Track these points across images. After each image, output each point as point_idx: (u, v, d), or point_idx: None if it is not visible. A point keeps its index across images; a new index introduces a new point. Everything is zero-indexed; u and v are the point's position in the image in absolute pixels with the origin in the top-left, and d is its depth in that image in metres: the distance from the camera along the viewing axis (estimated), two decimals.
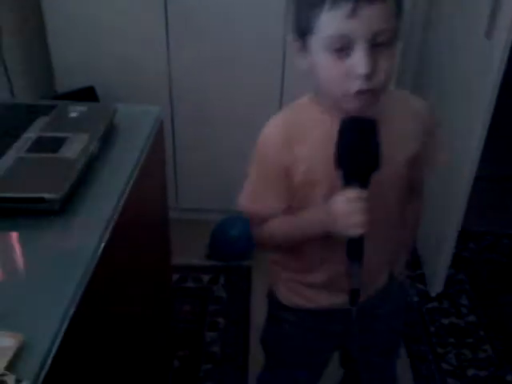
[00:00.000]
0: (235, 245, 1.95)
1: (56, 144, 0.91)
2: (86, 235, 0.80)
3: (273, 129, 0.87)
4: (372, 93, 0.74)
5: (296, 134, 0.84)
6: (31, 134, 0.94)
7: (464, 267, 1.98)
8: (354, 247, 0.78)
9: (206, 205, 2.11)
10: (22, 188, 0.81)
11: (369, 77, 0.72)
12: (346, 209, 0.76)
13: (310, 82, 0.85)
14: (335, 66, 0.73)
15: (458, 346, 1.68)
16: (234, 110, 1.93)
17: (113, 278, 0.87)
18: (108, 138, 1.00)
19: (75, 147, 0.90)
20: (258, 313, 1.73)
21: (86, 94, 1.78)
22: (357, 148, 0.75)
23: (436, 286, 1.84)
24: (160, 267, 1.36)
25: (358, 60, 0.71)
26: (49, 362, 0.60)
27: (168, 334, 1.53)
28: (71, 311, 0.67)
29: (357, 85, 0.73)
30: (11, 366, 0.57)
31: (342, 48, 0.72)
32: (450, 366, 1.61)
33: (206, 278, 1.92)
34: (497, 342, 1.69)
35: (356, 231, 0.76)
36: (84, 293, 0.70)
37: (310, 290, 0.97)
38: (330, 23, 0.71)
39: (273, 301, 1.05)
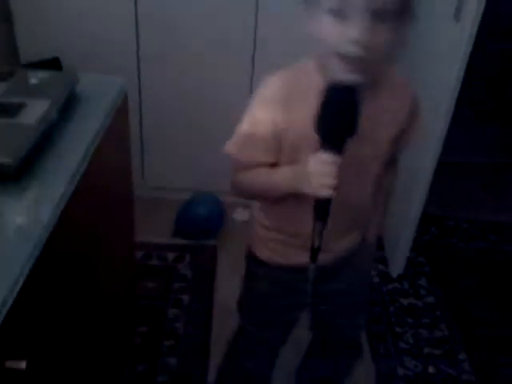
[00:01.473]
0: (202, 223, 1.95)
1: (14, 109, 0.89)
2: (41, 204, 0.79)
3: (273, 87, 0.88)
4: (362, 61, 0.76)
5: (295, 96, 0.86)
6: None
7: (424, 250, 2.03)
8: (321, 208, 0.82)
9: (173, 183, 2.10)
10: None
11: (361, 44, 0.74)
12: (318, 170, 0.80)
13: (280, 59, 0.86)
14: (333, 28, 0.76)
15: (415, 326, 1.73)
16: (204, 87, 1.91)
17: (68, 250, 0.86)
18: (69, 106, 0.98)
19: (34, 113, 0.88)
20: (223, 291, 1.75)
21: (52, 66, 1.73)
22: (333, 114, 0.78)
23: (397, 268, 1.89)
24: (122, 242, 1.35)
25: (354, 25, 0.74)
26: None
27: (130, 309, 1.52)
28: (19, 285, 0.65)
29: (348, 48, 0.75)
30: None
31: (342, 12, 0.74)
32: (406, 345, 1.67)
33: (171, 256, 1.91)
34: (452, 322, 1.75)
35: (324, 192, 0.80)
36: (34, 265, 0.68)
37: (289, 248, 1.00)
38: None
39: (251, 259, 1.08)
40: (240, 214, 2.05)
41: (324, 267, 1.00)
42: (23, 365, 0.61)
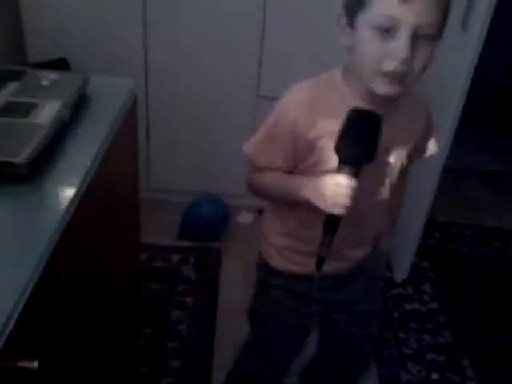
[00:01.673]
0: (206, 225, 1.95)
1: (26, 109, 0.89)
2: (52, 204, 0.79)
3: (298, 93, 0.89)
4: (403, 77, 0.79)
5: (320, 105, 0.87)
6: (0, 99, 0.92)
7: (429, 256, 2.03)
8: (331, 223, 0.84)
9: (178, 185, 2.10)
10: None
11: (406, 62, 0.76)
12: (332, 190, 0.82)
13: (287, 63, 0.87)
14: (378, 44, 0.77)
15: (418, 331, 1.73)
16: (210, 90, 1.92)
17: (77, 251, 0.86)
18: (80, 107, 0.98)
19: (46, 114, 0.88)
20: (227, 294, 1.75)
21: (59, 66, 1.74)
22: (355, 140, 0.80)
23: (401, 273, 1.89)
24: (128, 244, 1.35)
25: (401, 44, 0.76)
26: (6, 333, 0.59)
27: (134, 311, 1.52)
28: (31, 285, 0.64)
29: (393, 65, 0.77)
30: None
31: (389, 29, 0.76)
32: (410, 350, 1.66)
33: (175, 258, 1.91)
34: (456, 328, 1.75)
35: (336, 211, 0.82)
36: (47, 264, 0.68)
37: (303, 257, 1.00)
38: (383, 4, 0.76)
39: (263, 267, 1.08)
40: (244, 217, 2.05)
41: (338, 276, 1.02)
42: (35, 364, 0.61)
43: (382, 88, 0.80)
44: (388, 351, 1.65)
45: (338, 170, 0.82)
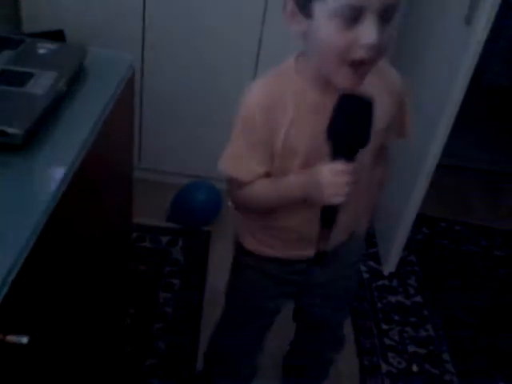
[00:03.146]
0: (197, 212, 1.93)
1: (22, 78, 0.87)
2: (45, 177, 0.78)
3: (258, 94, 0.87)
4: (368, 64, 0.75)
5: (279, 102, 0.85)
6: None
7: (416, 250, 2.05)
8: (328, 215, 0.82)
9: (170, 167, 2.08)
10: None
11: (374, 47, 0.73)
12: (330, 179, 0.79)
13: (287, 47, 0.85)
14: (341, 33, 0.73)
15: (401, 324, 1.75)
16: (205, 74, 1.89)
17: (71, 224, 0.84)
18: (77, 79, 0.96)
19: (42, 83, 0.87)
20: (215, 277, 1.75)
21: (55, 38, 1.70)
22: (352, 125, 0.78)
23: (389, 266, 1.90)
24: (120, 221, 1.34)
25: (368, 29, 0.71)
26: None
27: (122, 291, 1.52)
28: (21, 260, 0.64)
29: (361, 52, 0.73)
30: None
31: (353, 17, 0.71)
32: (392, 342, 1.68)
33: (164, 239, 1.90)
34: (438, 322, 1.77)
35: (334, 201, 0.80)
36: (37, 239, 0.67)
37: (278, 241, 1.00)
38: None
39: (238, 247, 1.08)
40: None
41: (312, 260, 1.01)
42: (25, 340, 0.60)
43: (345, 81, 0.77)
44: (369, 341, 1.67)
45: (333, 158, 0.79)
